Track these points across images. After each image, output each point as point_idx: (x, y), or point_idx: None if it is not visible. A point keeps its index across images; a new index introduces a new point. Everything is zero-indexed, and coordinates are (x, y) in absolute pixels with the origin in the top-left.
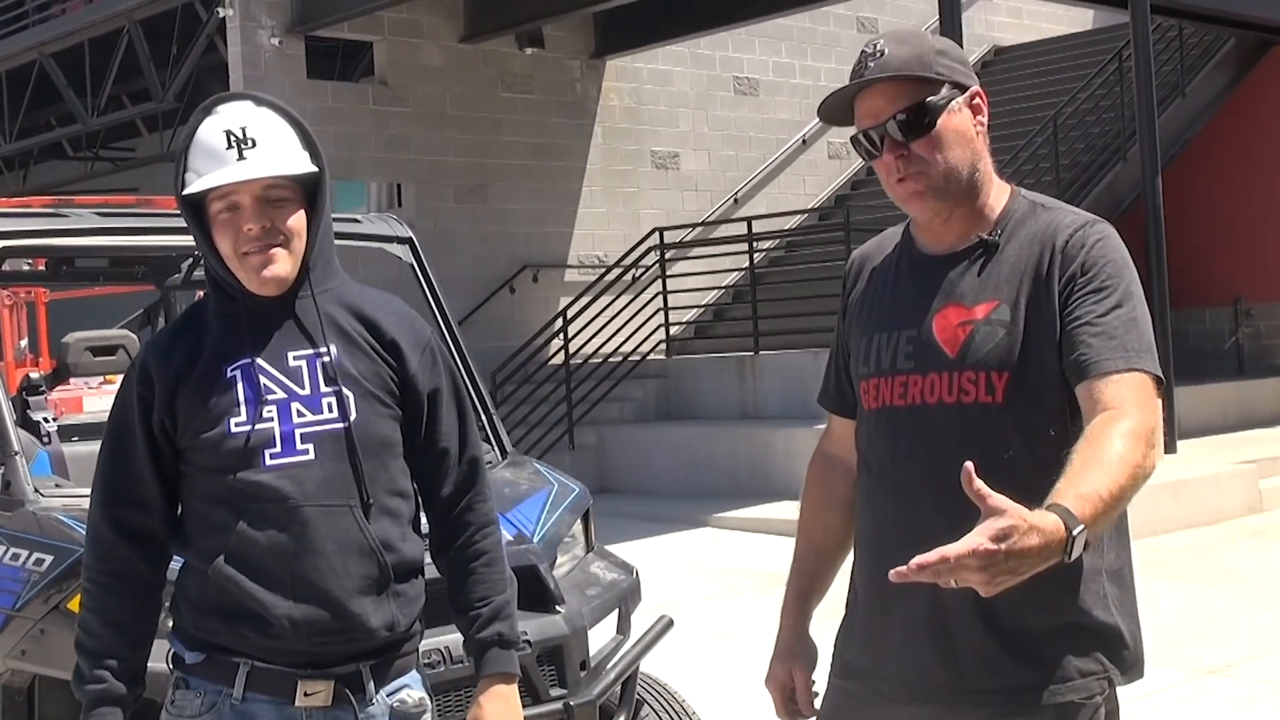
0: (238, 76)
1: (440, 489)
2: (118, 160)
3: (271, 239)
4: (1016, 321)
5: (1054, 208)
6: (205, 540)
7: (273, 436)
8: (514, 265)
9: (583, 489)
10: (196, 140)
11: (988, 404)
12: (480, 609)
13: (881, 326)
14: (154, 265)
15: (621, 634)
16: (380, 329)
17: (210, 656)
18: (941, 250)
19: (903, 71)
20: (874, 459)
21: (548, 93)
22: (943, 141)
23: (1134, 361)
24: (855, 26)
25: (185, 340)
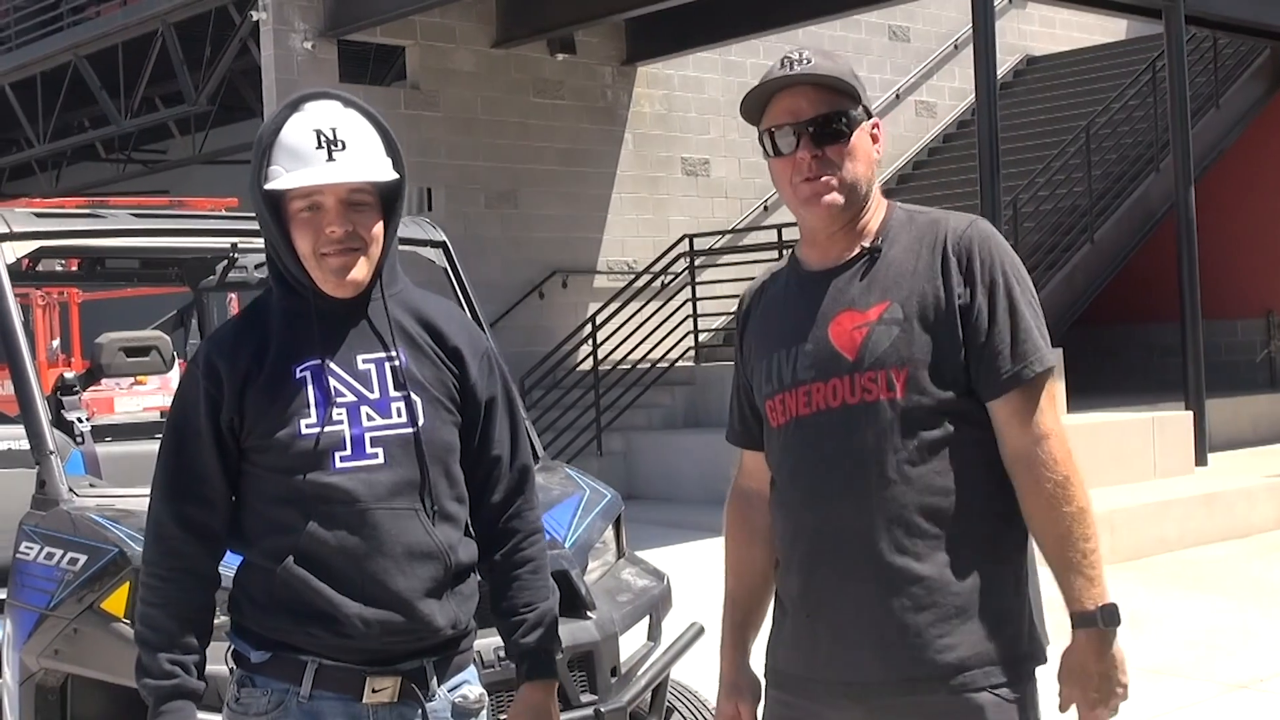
0: (270, 80)
1: (491, 495)
2: (150, 162)
3: (351, 243)
4: (910, 319)
5: (929, 212)
6: (272, 540)
7: (343, 439)
8: (543, 271)
9: (614, 495)
10: (283, 135)
11: (891, 399)
12: (525, 615)
13: (778, 344)
14: (188, 267)
15: (652, 640)
16: (443, 335)
17: (276, 655)
18: (827, 264)
19: (832, 77)
20: (787, 469)
21: (579, 98)
22: (854, 153)
23: (1025, 369)
24: (887, 35)
25: (250, 338)
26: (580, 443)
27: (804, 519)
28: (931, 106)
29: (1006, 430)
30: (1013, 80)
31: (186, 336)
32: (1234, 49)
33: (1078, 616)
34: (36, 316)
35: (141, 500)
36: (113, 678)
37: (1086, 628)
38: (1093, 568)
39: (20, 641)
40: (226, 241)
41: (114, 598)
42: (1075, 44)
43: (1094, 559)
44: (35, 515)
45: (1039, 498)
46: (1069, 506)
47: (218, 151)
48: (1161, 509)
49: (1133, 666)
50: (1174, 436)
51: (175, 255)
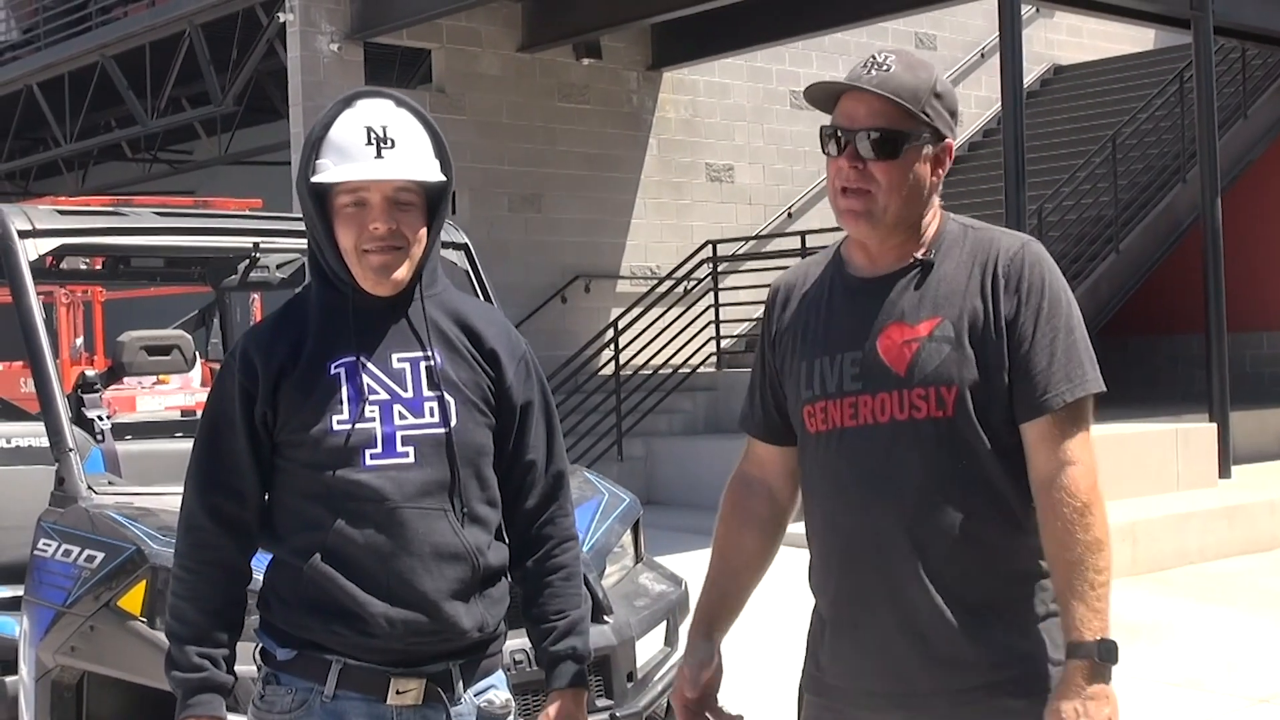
0: (297, 82)
1: (525, 500)
2: (175, 163)
3: (394, 241)
4: (961, 337)
5: (984, 228)
6: (300, 536)
7: (374, 437)
8: (566, 275)
9: (633, 499)
10: (334, 131)
11: (939, 418)
12: (556, 622)
13: (822, 350)
14: (210, 266)
15: (670, 646)
16: (481, 338)
17: (302, 653)
18: (877, 272)
19: (894, 96)
20: (829, 479)
21: (604, 103)
22: (899, 176)
23: (1056, 396)
24: (914, 42)
25: (287, 333)
26: (601, 447)
27: (847, 530)
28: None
29: (1034, 453)
30: (1039, 89)
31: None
32: (1263, 60)
33: (1074, 645)
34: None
35: (160, 499)
36: (129, 675)
37: (1081, 658)
38: (1099, 600)
39: (37, 638)
40: (249, 241)
41: (131, 595)
42: (1102, 54)
43: (1102, 592)
44: (54, 512)
45: (1055, 522)
46: (1085, 535)
47: (243, 152)
48: (1183, 521)
49: (1154, 679)
50: (1198, 448)
51: (198, 254)
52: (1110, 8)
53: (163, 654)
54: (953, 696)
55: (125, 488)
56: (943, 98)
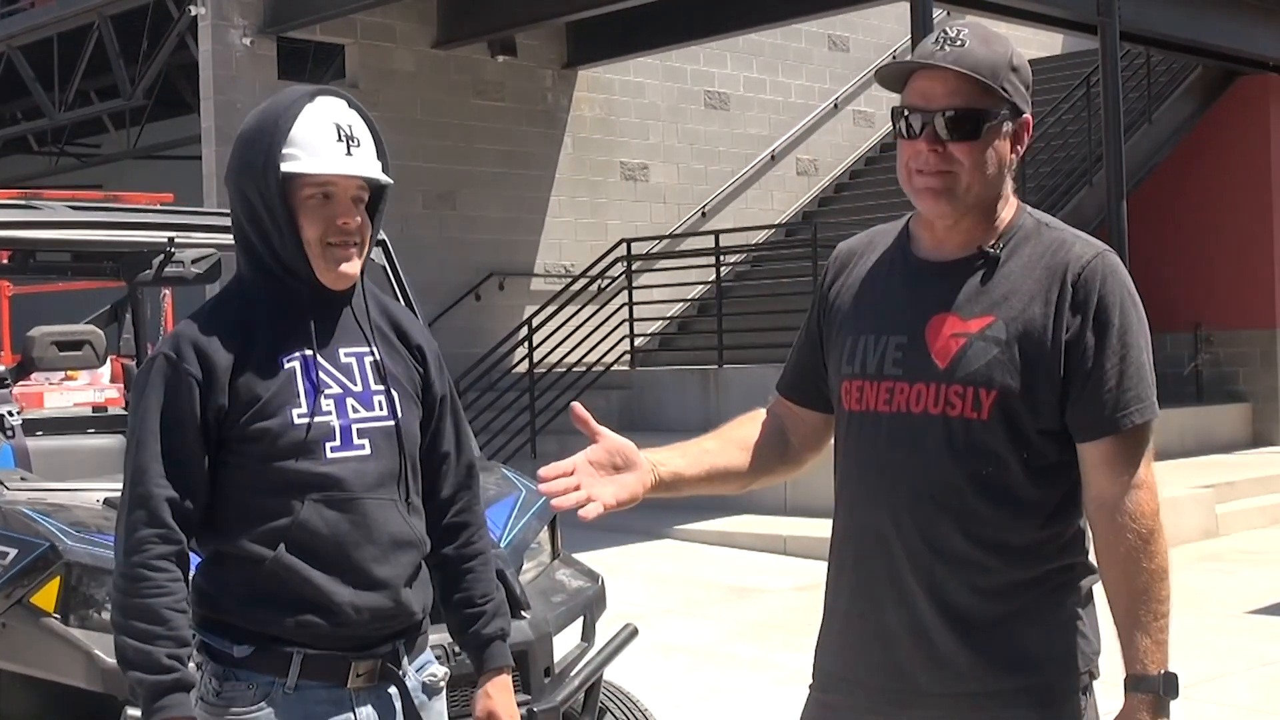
0: (208, 75)
1: (441, 490)
2: (83, 156)
3: (355, 236)
4: (1012, 342)
5: (1059, 228)
6: (256, 530)
7: (332, 430)
8: (481, 273)
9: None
10: (301, 125)
11: (972, 420)
12: (483, 605)
13: (869, 328)
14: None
15: (586, 641)
16: (408, 334)
17: (260, 648)
18: (941, 257)
19: (974, 73)
20: (855, 462)
21: (519, 101)
22: (980, 156)
23: (1125, 418)
24: (827, 44)
25: (232, 328)
26: (515, 445)
27: (865, 518)
28: (870, 116)
29: (1095, 475)
30: None
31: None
32: (1166, 66)
33: (1137, 679)
34: None
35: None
36: (42, 673)
37: (1144, 692)
38: (1162, 632)
39: None
40: (164, 235)
41: (44, 592)
42: None
43: (1164, 624)
44: None
45: (1119, 549)
46: (1149, 563)
47: (153, 147)
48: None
49: None
50: None
51: (112, 249)
52: (1019, 12)
53: (77, 651)
54: (954, 700)
55: (38, 483)
56: (1019, 71)
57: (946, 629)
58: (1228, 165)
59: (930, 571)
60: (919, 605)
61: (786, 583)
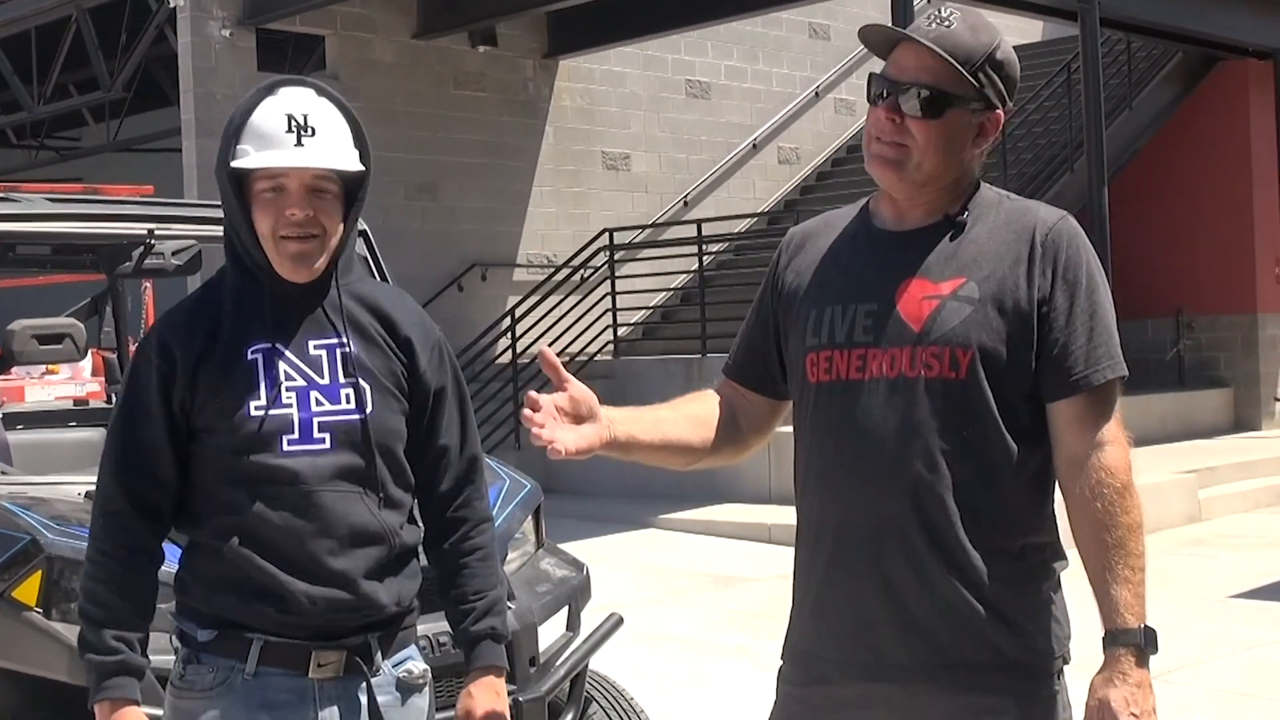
0: (187, 67)
1: (439, 484)
2: (63, 149)
3: (311, 229)
4: (986, 301)
5: (1019, 199)
6: (219, 519)
7: (291, 423)
8: (463, 263)
9: (534, 485)
10: (255, 117)
11: (950, 380)
12: (475, 603)
13: (835, 299)
14: (104, 253)
15: (571, 631)
16: (395, 326)
17: (222, 633)
18: (903, 227)
19: (946, 54)
20: (825, 432)
21: (500, 91)
22: (936, 138)
23: (1096, 373)
24: (807, 32)
25: (203, 319)
26: (498, 435)
27: (838, 488)
28: (851, 105)
29: (1066, 434)
30: None
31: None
32: (1147, 52)
33: (1119, 633)
34: None
35: (55, 489)
36: (24, 667)
37: (1126, 645)
38: (1140, 585)
39: None
40: (144, 227)
41: (25, 586)
42: None
43: (1141, 577)
44: None
45: (1095, 503)
46: (1125, 517)
47: (132, 139)
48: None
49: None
50: None
51: (91, 241)
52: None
53: (59, 645)
54: (931, 673)
55: (19, 477)
56: (1003, 66)
57: (925, 600)
58: (1208, 151)
59: (909, 541)
60: (896, 576)
61: (771, 571)
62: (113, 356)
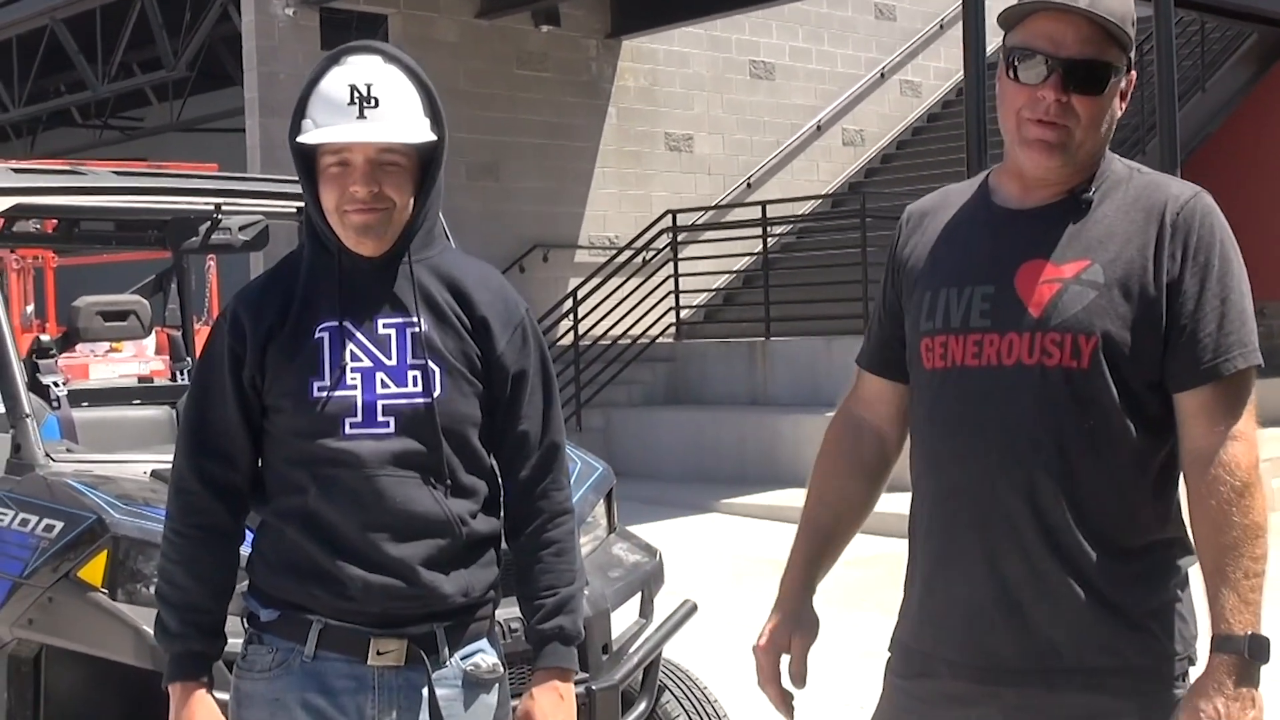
0: (250, 46)
1: (518, 471)
2: (127, 129)
3: (376, 204)
4: (1111, 285)
5: (1151, 173)
6: (282, 500)
7: (354, 405)
8: (524, 244)
9: (606, 468)
10: (320, 88)
11: (1072, 369)
12: (545, 599)
13: (951, 281)
14: (170, 228)
15: (644, 618)
16: (472, 304)
17: (284, 614)
18: (1027, 204)
19: (1110, 20)
20: (939, 421)
21: (562, 72)
22: (1099, 112)
23: (1226, 362)
24: (874, 13)
25: (276, 294)
26: None
27: (951, 479)
28: (916, 86)
29: (1192, 425)
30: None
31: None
32: (1221, 33)
33: (1222, 639)
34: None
35: (120, 467)
36: (89, 649)
37: (1228, 653)
38: (1253, 591)
39: None
40: (211, 202)
41: (91, 566)
42: None
43: (1257, 583)
44: (10, 480)
45: (1210, 501)
46: (1243, 518)
47: (196, 119)
48: None
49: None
50: None
51: (157, 216)
52: None
53: (125, 627)
54: (1045, 678)
55: (84, 455)
56: (1134, 24)
57: (1040, 600)
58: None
59: (1026, 538)
60: (1011, 574)
61: None
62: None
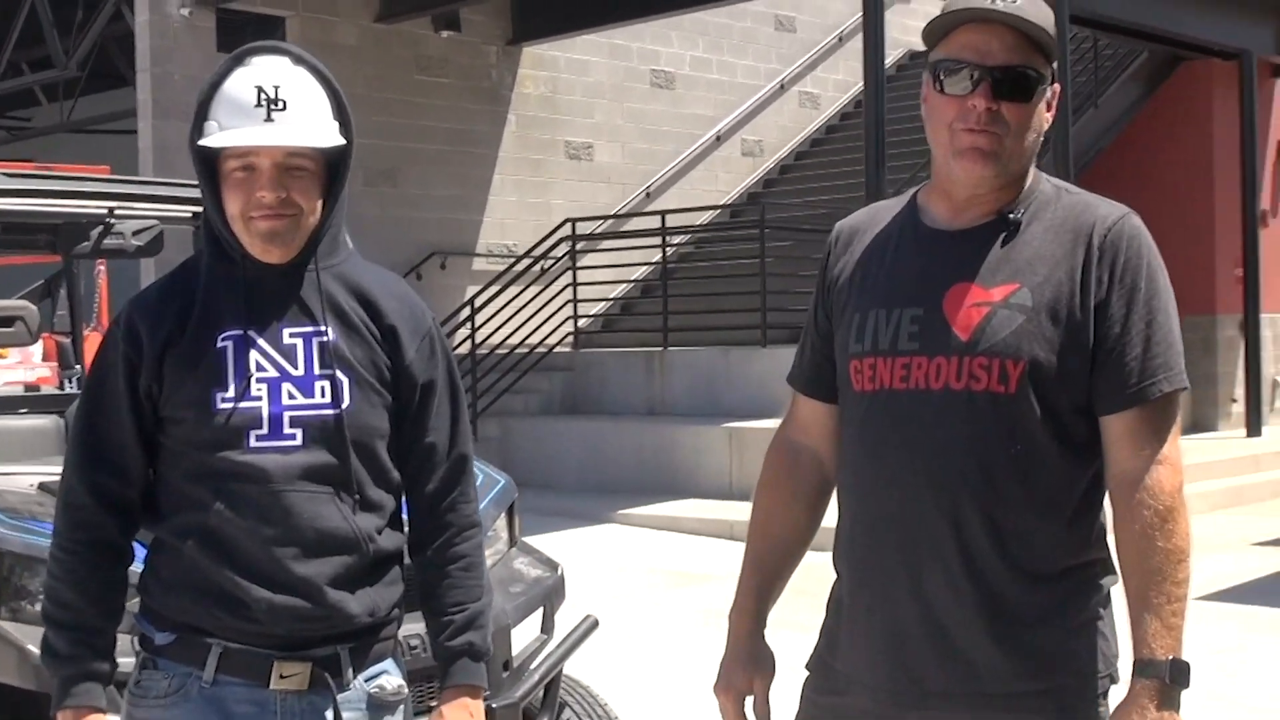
0: (144, 46)
1: (425, 484)
2: (14, 129)
3: (284, 209)
4: (1039, 309)
5: (1079, 193)
6: (181, 517)
7: (259, 417)
8: (422, 251)
9: (508, 481)
10: (224, 89)
11: (999, 394)
12: (454, 615)
13: (880, 302)
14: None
15: (545, 634)
16: (380, 313)
17: (181, 637)
18: (955, 225)
19: (1036, 26)
20: (867, 445)
21: (463, 78)
22: (1027, 119)
23: (1151, 386)
24: (774, 24)
25: (175, 301)
26: None
27: (878, 505)
28: (815, 98)
29: (1117, 448)
30: (896, 74)
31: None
32: (1113, 50)
33: (1143, 664)
34: None
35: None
36: None
37: (1149, 678)
38: (1174, 616)
39: None
40: (104, 206)
41: None
42: None
43: (1179, 607)
44: None
45: (1134, 525)
46: (1165, 542)
47: (87, 120)
48: None
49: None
50: None
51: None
52: None
53: (8, 646)
54: (970, 700)
55: None
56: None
57: (964, 624)
58: (1171, 150)
59: (949, 563)
60: (936, 598)
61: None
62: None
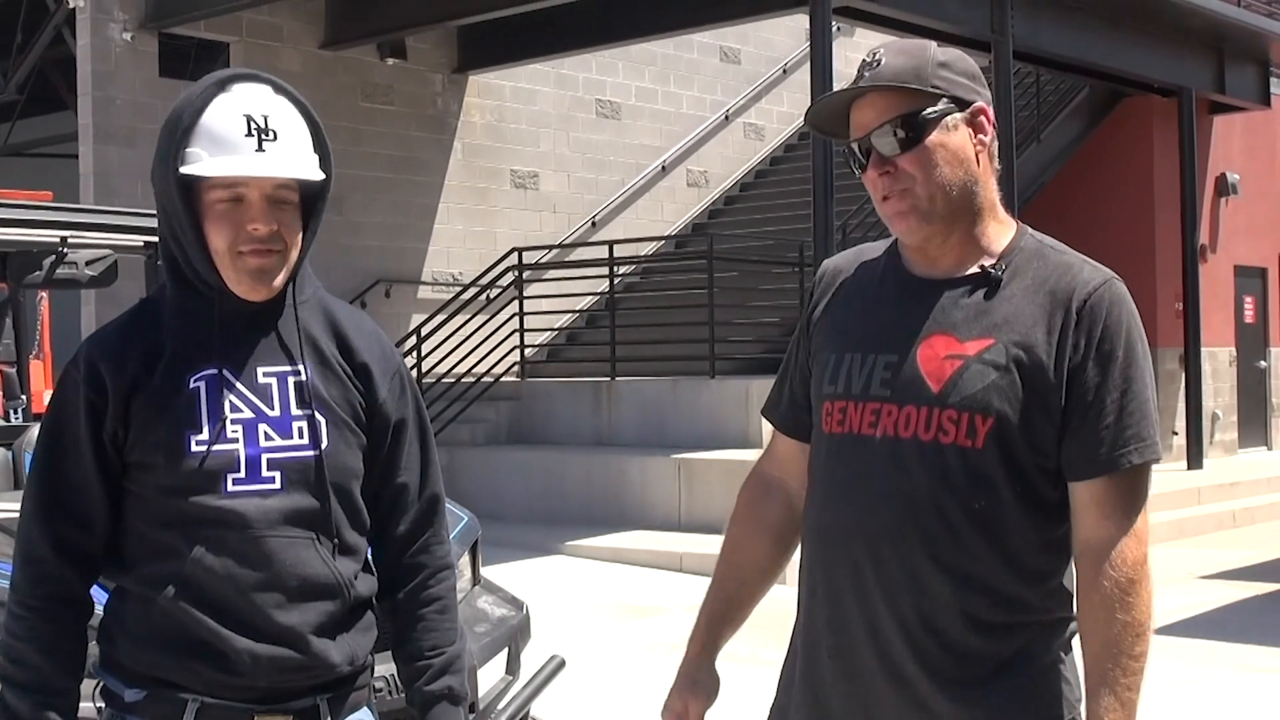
0: (85, 70)
1: (396, 526)
2: None
3: (273, 244)
4: (1011, 367)
5: (1064, 251)
6: (150, 565)
7: (236, 460)
8: (366, 279)
9: (472, 518)
10: (208, 117)
11: (966, 448)
12: (432, 659)
13: (855, 346)
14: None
15: (511, 674)
16: (353, 350)
17: (153, 692)
18: (934, 274)
19: (894, 82)
20: (833, 489)
21: (408, 105)
22: (931, 158)
23: (1121, 456)
24: (719, 56)
25: (140, 340)
26: None
27: (841, 551)
28: (760, 129)
29: (1084, 515)
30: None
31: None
32: (1055, 85)
33: None
34: None
35: None
36: None
37: None
38: (1129, 690)
39: None
40: (56, 235)
41: None
42: None
43: (1133, 681)
44: None
45: (1095, 595)
46: (1124, 614)
47: (26, 143)
48: None
49: None
50: None
51: None
52: (913, 28)
53: None
54: None
55: None
56: (950, 65)
57: (923, 674)
58: (1112, 184)
59: (907, 610)
60: (893, 645)
61: (683, 602)
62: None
